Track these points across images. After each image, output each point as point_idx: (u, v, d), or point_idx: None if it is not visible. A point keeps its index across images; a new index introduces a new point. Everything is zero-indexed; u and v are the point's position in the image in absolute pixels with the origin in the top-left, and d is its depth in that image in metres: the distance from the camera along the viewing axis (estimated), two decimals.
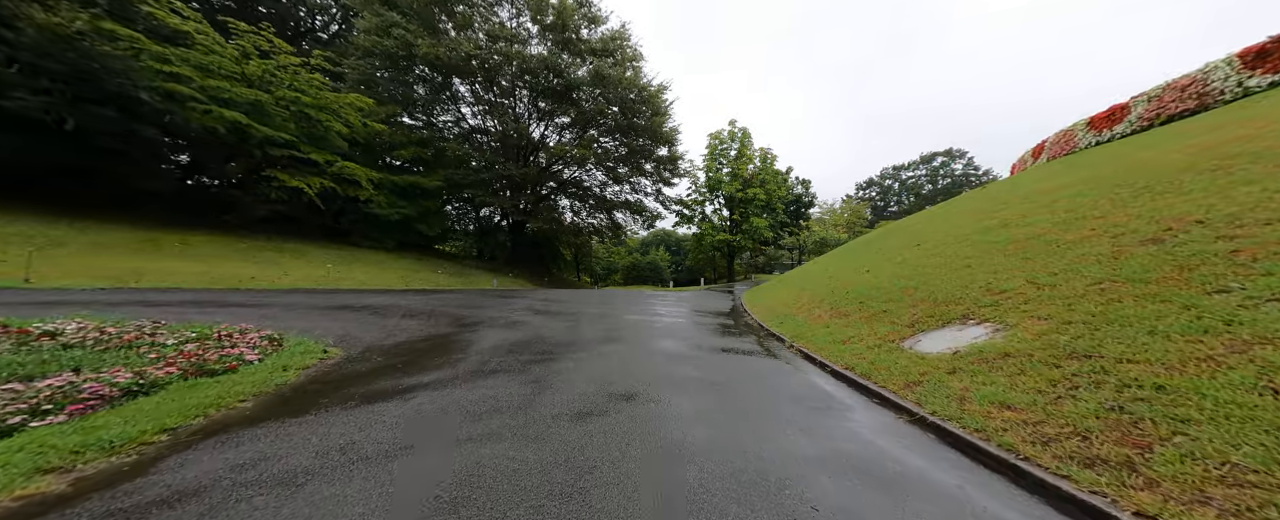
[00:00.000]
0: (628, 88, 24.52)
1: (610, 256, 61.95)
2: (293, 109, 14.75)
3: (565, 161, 30.80)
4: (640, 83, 25.50)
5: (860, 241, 17.18)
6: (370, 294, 10.67)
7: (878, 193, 79.86)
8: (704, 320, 9.96)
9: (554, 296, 14.56)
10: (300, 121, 14.99)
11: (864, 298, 7.33)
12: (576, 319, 8.66)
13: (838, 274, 10.79)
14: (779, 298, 12.03)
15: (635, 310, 11.30)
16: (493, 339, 6.02)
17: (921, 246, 8.76)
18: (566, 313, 9.57)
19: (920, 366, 4.13)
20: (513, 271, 26.20)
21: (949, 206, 13.94)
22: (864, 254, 11.89)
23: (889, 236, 12.91)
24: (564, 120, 28.88)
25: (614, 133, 29.51)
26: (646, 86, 26.27)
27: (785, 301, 10.85)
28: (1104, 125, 13.38)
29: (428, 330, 6.31)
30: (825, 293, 9.35)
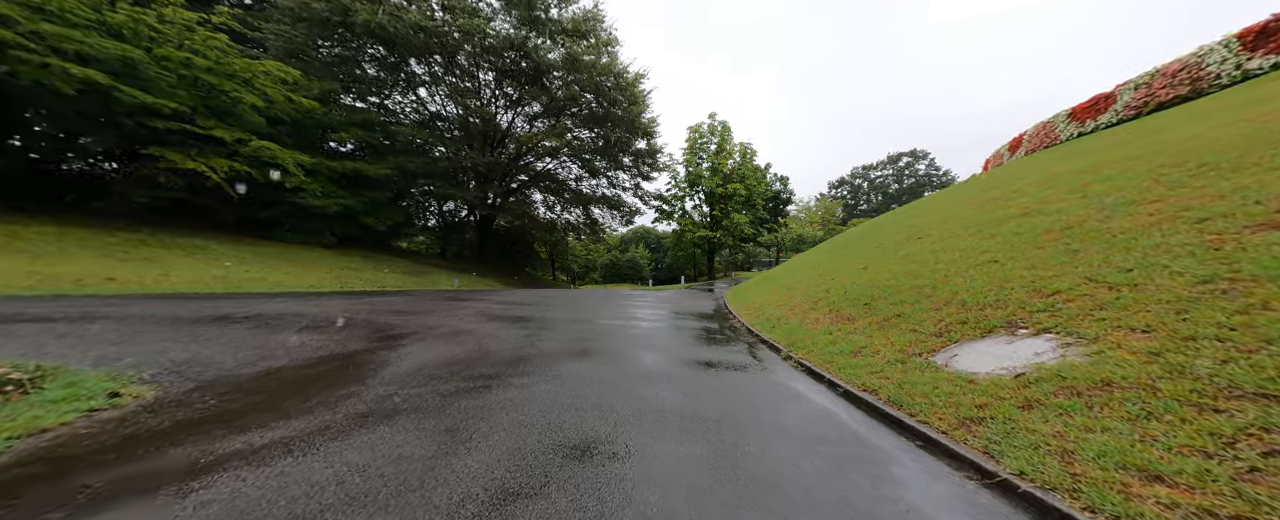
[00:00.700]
0: (603, 74, 23.09)
1: (589, 254, 60.43)
2: (184, 73, 11.95)
3: (537, 152, 29.10)
4: (616, 68, 24.12)
5: (847, 236, 16.51)
6: (278, 298, 8.82)
7: (849, 191, 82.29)
8: (685, 324, 8.84)
9: (519, 298, 13.12)
10: (196, 90, 12.19)
11: (869, 299, 6.36)
12: (538, 326, 7.34)
13: (830, 271, 9.89)
14: (766, 297, 11.06)
15: (609, 313, 10.06)
16: (417, 358, 4.65)
17: (925, 239, 7.92)
18: (528, 318, 8.22)
19: (973, 395, 3.09)
20: (479, 270, 24.39)
21: (940, 198, 13.35)
22: (856, 249, 11.07)
23: (879, 231, 12.18)
24: (535, 109, 27.16)
25: (589, 123, 28.04)
26: (623, 73, 24.91)
27: (774, 302, 9.87)
28: (1087, 116, 13.13)
29: (328, 348, 4.86)
30: (819, 292, 8.40)
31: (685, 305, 13.12)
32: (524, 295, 14.73)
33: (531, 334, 6.53)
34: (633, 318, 9.50)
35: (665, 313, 10.76)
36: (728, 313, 10.98)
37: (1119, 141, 8.76)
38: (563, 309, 10.28)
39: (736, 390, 4.17)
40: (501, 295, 14.24)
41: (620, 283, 57.88)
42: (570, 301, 12.66)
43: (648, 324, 8.57)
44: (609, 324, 8.19)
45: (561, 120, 24.09)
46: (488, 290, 17.36)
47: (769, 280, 14.63)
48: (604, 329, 7.51)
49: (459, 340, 5.70)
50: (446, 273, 20.37)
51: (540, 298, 13.87)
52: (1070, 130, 13.58)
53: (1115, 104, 11.76)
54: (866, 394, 3.84)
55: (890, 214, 16.34)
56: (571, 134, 27.64)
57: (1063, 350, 3.16)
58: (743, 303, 11.62)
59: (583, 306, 11.27)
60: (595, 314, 9.66)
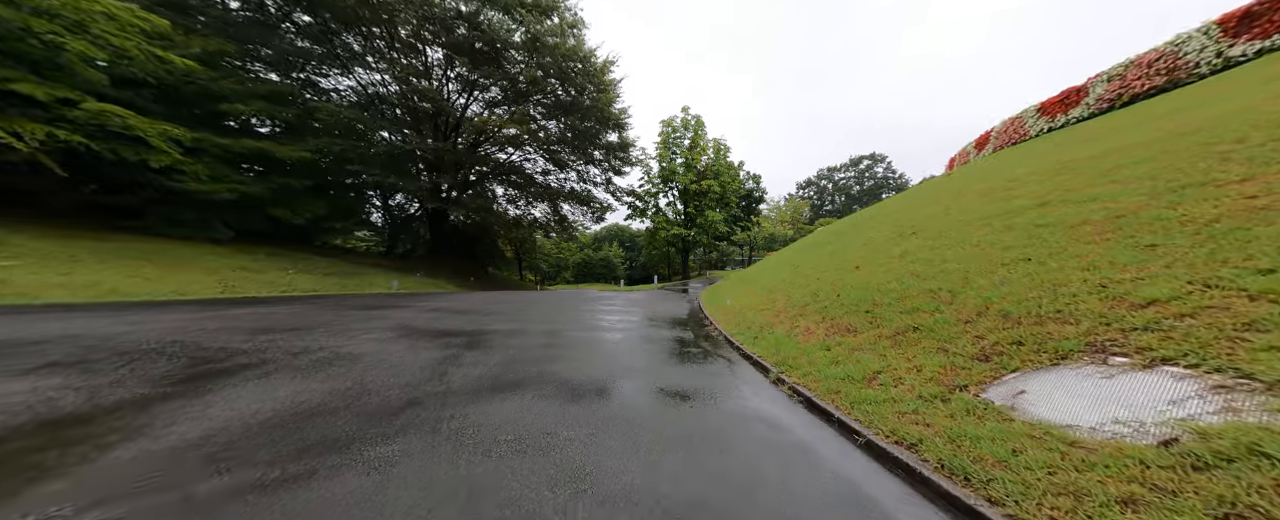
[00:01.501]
0: (568, 57, 21.39)
1: (560, 253, 58.36)
2: None
3: (497, 141, 27.00)
4: (582, 52, 22.48)
5: (824, 233, 15.76)
6: (86, 312, 6.38)
7: (815, 192, 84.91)
8: (657, 333, 7.52)
9: (464, 303, 11.38)
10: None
11: (870, 304, 5.27)
12: (465, 344, 5.79)
13: (813, 271, 8.87)
14: (744, 299, 9.94)
15: (570, 320, 8.61)
16: (225, 413, 3.03)
17: (922, 236, 6.99)
18: (458, 332, 6.64)
19: (1092, 474, 1.93)
20: (428, 270, 22.12)
21: (922, 193, 12.69)
22: (838, 246, 10.14)
23: (862, 227, 11.36)
24: (494, 95, 25.07)
25: (556, 112, 26.25)
26: (590, 57, 23.32)
27: (754, 305, 8.75)
28: (1057, 110, 12.92)
29: (64, 400, 3.13)
30: (805, 295, 7.31)
31: (657, 309, 11.83)
32: (473, 300, 12.96)
33: (450, 357, 4.99)
34: (597, 325, 8.09)
35: (636, 320, 9.41)
36: (703, 318, 9.78)
37: (1115, 128, 8.21)
38: (512, 317, 8.71)
39: (717, 443, 2.86)
40: (443, 300, 12.41)
41: (593, 282, 56.09)
42: (526, 307, 11.07)
43: (613, 335, 7.20)
44: (562, 336, 6.74)
45: (522, 106, 22.18)
46: (430, 294, 15.38)
47: (745, 281, 13.60)
48: (553, 344, 6.05)
49: (330, 372, 4.09)
50: (388, 273, 18.09)
51: (492, 302, 12.16)
52: (1040, 125, 13.40)
53: (1087, 97, 11.53)
54: (904, 451, 2.63)
55: (867, 211, 15.74)
56: (536, 123, 25.74)
57: (1221, 397, 2.04)
58: (719, 306, 10.46)
59: (538, 313, 9.74)
60: (549, 322, 8.17)
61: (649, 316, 9.92)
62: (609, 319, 9.22)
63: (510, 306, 10.88)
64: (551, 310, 10.43)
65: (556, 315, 9.46)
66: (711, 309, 10.45)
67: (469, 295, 15.09)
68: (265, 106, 13.94)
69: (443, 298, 13.13)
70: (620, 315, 10.02)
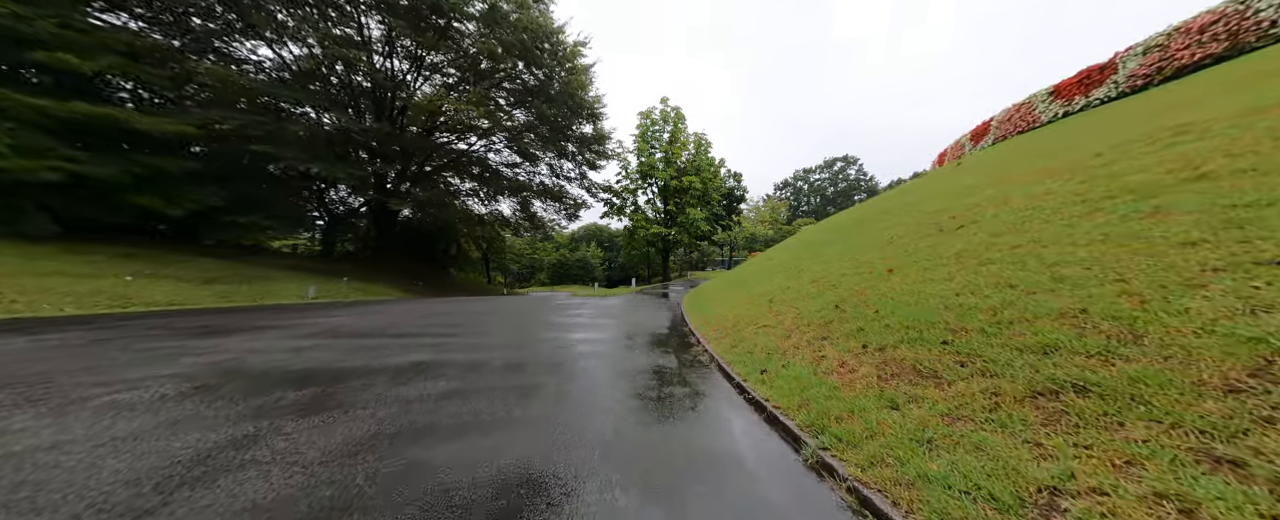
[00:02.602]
0: (531, 33, 19.02)
1: (534, 253, 55.51)
2: None
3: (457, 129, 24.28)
4: (548, 27, 20.15)
5: (821, 230, 14.08)
6: None
7: (791, 193, 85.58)
8: (633, 360, 5.45)
9: (384, 319, 9.01)
10: None
11: (943, 328, 3.38)
12: (297, 409, 3.55)
13: (825, 275, 7.02)
14: (737, 309, 8.01)
15: (513, 344, 6.44)
16: None
17: (977, 228, 5.20)
18: (315, 377, 4.40)
19: None
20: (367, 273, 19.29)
21: (936, 183, 10.97)
22: (849, 245, 8.34)
23: (866, 225, 9.63)
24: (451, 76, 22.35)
25: (523, 98, 23.77)
26: (556, 35, 21.02)
27: (750, 318, 6.82)
28: (1074, 93, 11.67)
29: None
30: (823, 308, 5.42)
31: (636, 319, 9.75)
32: (402, 312, 10.51)
33: (237, 442, 2.74)
34: (558, 347, 5.92)
35: (609, 336, 7.30)
36: (689, 333, 7.76)
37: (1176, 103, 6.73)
38: (432, 341, 6.45)
39: None
40: (358, 314, 9.91)
41: (569, 284, 53.48)
42: (467, 323, 8.78)
43: (576, 366, 5.05)
44: (483, 380, 4.56)
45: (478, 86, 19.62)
46: (353, 304, 12.78)
47: (735, 285, 11.72)
48: (465, 395, 3.88)
49: None
50: (310, 278, 15.23)
51: (427, 316, 9.76)
52: (1053, 110, 12.18)
53: (1115, 75, 10.29)
54: None
55: (866, 206, 14.17)
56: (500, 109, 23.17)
57: None
58: (707, 316, 8.49)
59: (475, 333, 7.49)
60: (479, 351, 5.97)
61: (631, 332, 7.82)
62: (583, 334, 7.06)
63: (445, 322, 8.54)
64: (498, 327, 8.17)
65: (500, 335, 7.21)
66: (697, 319, 8.46)
67: (404, 305, 12.56)
68: (122, 64, 10.86)
69: (362, 310, 10.61)
70: (595, 330, 7.88)
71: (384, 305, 12.33)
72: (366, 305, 12.30)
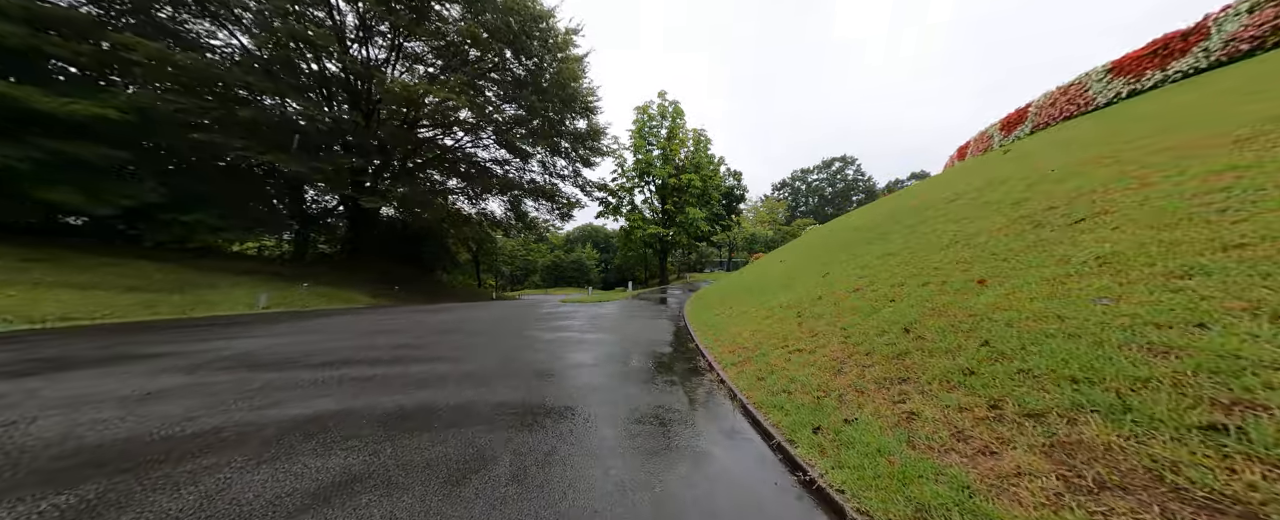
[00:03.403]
0: (522, 18, 17.50)
1: (528, 255, 53.90)
2: None
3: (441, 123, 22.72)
4: (536, 9, 18.64)
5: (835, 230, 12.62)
6: None
7: (789, 194, 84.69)
8: (629, 402, 3.91)
9: (325, 337, 7.48)
10: None
11: (1203, 391, 1.88)
12: None
13: (870, 283, 5.54)
14: (754, 324, 6.52)
15: (484, 370, 4.96)
16: None
17: (1103, 220, 3.74)
18: (143, 451, 2.87)
19: None
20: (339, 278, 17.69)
21: (969, 176, 9.44)
22: (894, 246, 6.86)
23: (906, 224, 8.17)
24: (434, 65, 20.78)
25: (513, 90, 22.23)
26: (548, 19, 19.51)
27: (775, 336, 5.34)
28: (1144, 67, 10.03)
29: None
30: (882, 328, 3.96)
31: (629, 334, 8.22)
32: (346, 327, 8.95)
33: None
34: (506, 395, 4.38)
35: (582, 365, 5.75)
36: (696, 352, 6.25)
37: None
38: (354, 374, 4.93)
39: None
40: (287, 330, 8.34)
41: (563, 287, 51.85)
42: (417, 342, 7.26)
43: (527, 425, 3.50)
44: (413, 443, 3.03)
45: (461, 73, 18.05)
46: (302, 315, 11.19)
47: (745, 292, 10.23)
48: (359, 489, 2.34)
49: None
50: (263, 283, 13.62)
51: (376, 330, 8.21)
52: (1114, 89, 10.65)
53: (1206, 41, 8.71)
54: None
55: (892, 201, 12.68)
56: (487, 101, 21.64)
57: None
58: (719, 333, 6.98)
59: (423, 356, 5.97)
60: (419, 386, 4.47)
61: (615, 358, 6.28)
62: (547, 366, 5.51)
63: (393, 344, 6.98)
64: (460, 349, 6.62)
65: (456, 363, 5.66)
66: (706, 336, 6.95)
67: (362, 317, 10.96)
68: (17, 34, 9.10)
69: (305, 324, 9.02)
70: (570, 355, 6.34)
71: (338, 317, 10.73)
72: (318, 317, 10.70)
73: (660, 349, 6.85)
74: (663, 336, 8.14)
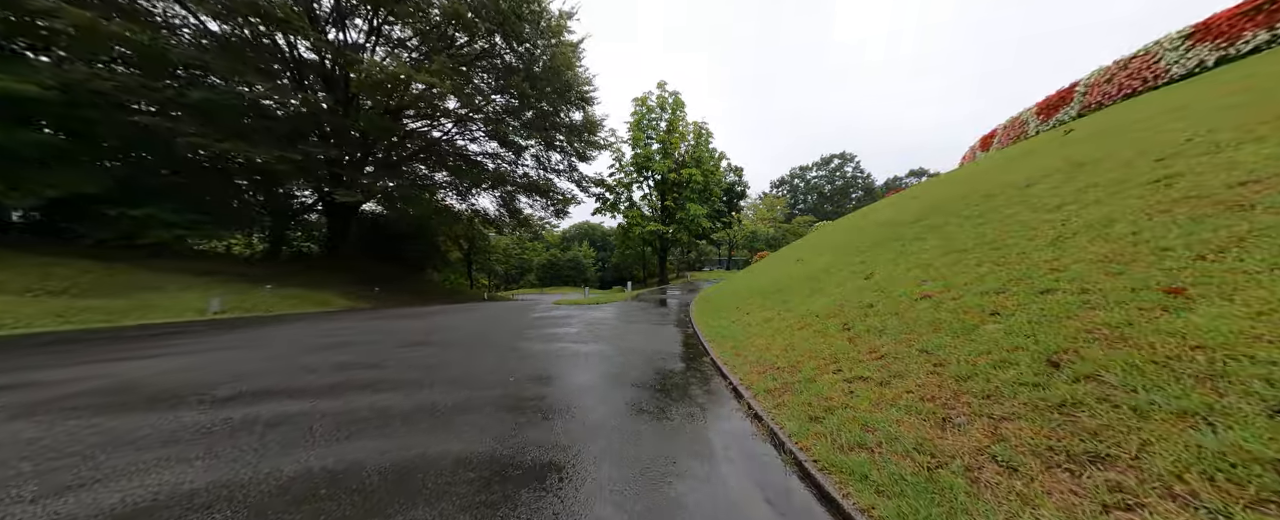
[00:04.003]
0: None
1: (523, 253, 52.56)
2: None
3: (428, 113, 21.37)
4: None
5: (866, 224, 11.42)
6: None
7: (787, 191, 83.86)
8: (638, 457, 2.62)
9: (260, 354, 6.24)
10: None
11: None
12: None
13: (947, 287, 4.32)
14: (785, 337, 5.29)
15: (445, 404, 3.69)
16: None
17: None
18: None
19: None
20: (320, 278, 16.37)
21: (1033, 159, 8.12)
22: (957, 240, 5.65)
23: (970, 215, 6.97)
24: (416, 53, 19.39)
25: (503, 76, 20.88)
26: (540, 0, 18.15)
27: (819, 355, 4.15)
28: (1242, 27, 8.53)
29: None
30: (1001, 357, 2.74)
31: (631, 344, 6.97)
32: (293, 341, 7.68)
33: None
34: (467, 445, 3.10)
35: (579, 384, 4.48)
36: (716, 372, 5.00)
37: None
38: (269, 411, 3.72)
39: None
40: (219, 343, 7.07)
41: (559, 286, 50.53)
42: (374, 359, 6.02)
43: (489, 505, 2.22)
44: None
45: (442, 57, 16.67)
46: (260, 321, 9.92)
47: (762, 294, 9.01)
48: None
49: None
50: (223, 284, 12.28)
51: (329, 344, 6.95)
52: (1195, 57, 9.25)
53: None
54: None
55: (930, 188, 11.38)
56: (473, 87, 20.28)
57: None
58: (739, 345, 5.74)
59: (372, 382, 4.73)
60: (349, 433, 3.21)
61: (617, 374, 5.03)
62: (524, 395, 4.25)
63: (338, 363, 5.71)
64: (432, 366, 5.36)
65: (419, 391, 4.39)
66: (722, 348, 5.70)
67: (322, 324, 9.65)
68: None
69: (247, 335, 7.71)
70: (565, 369, 5.08)
71: (296, 324, 9.42)
72: (274, 324, 9.39)
73: (670, 365, 5.60)
74: (670, 348, 6.90)
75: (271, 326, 8.91)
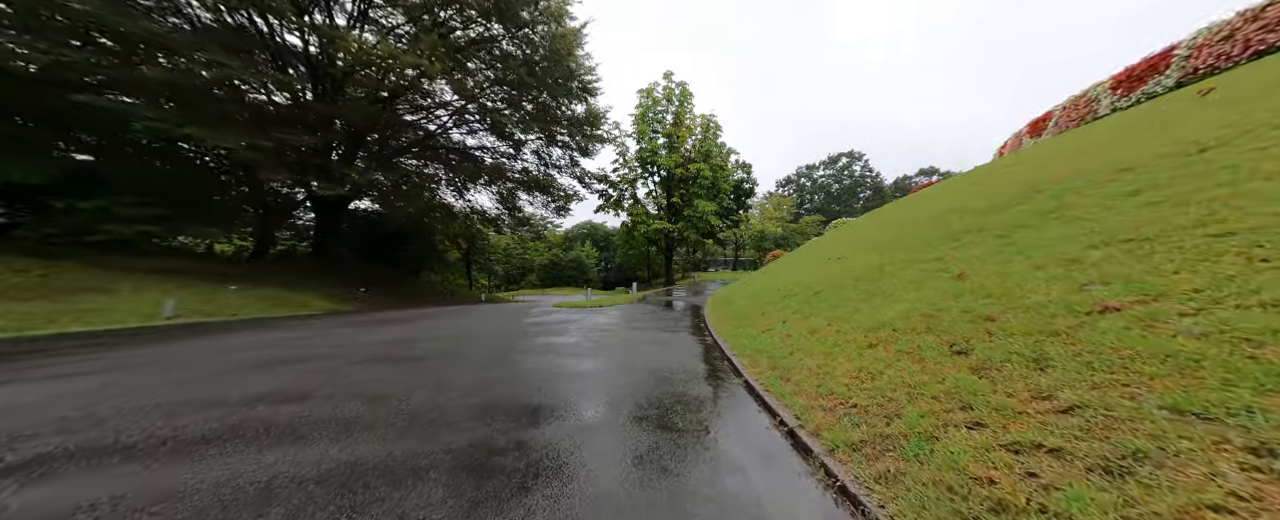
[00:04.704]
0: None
1: (525, 253, 51.40)
2: None
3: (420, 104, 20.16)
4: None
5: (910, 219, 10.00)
6: None
7: (794, 190, 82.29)
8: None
9: (159, 379, 4.95)
10: None
11: None
12: None
13: (1128, 284, 2.94)
14: (854, 357, 3.92)
15: (360, 481, 2.25)
16: None
17: None
18: None
19: None
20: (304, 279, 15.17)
21: (1154, 135, 6.68)
22: (1065, 236, 4.25)
23: (1078, 204, 5.56)
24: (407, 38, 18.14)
25: (501, 67, 19.61)
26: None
27: (925, 388, 2.76)
28: None
29: None
30: None
31: (642, 360, 5.60)
32: (211, 355, 6.40)
33: None
34: None
35: (572, 430, 3.10)
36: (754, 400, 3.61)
37: None
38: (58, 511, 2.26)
39: None
40: (113, 359, 5.79)
41: (561, 286, 49.27)
42: (305, 387, 4.74)
43: None
44: None
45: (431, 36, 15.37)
46: (207, 329, 8.68)
47: (790, 297, 7.63)
48: None
49: None
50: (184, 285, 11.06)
51: (260, 359, 5.67)
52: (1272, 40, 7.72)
53: None
54: None
55: (984, 177, 9.95)
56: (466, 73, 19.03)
57: None
58: (784, 368, 4.36)
59: (234, 439, 3.35)
60: None
61: (627, 407, 3.65)
62: (510, 434, 2.88)
63: (275, 385, 4.42)
64: (380, 397, 4.03)
65: (348, 441, 3.03)
66: (760, 369, 4.32)
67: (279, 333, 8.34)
68: None
69: (190, 345, 6.42)
70: (559, 399, 3.70)
71: (241, 334, 8.12)
72: (219, 333, 8.12)
73: (691, 390, 4.23)
74: (690, 364, 5.53)
75: (217, 335, 7.63)
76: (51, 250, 10.26)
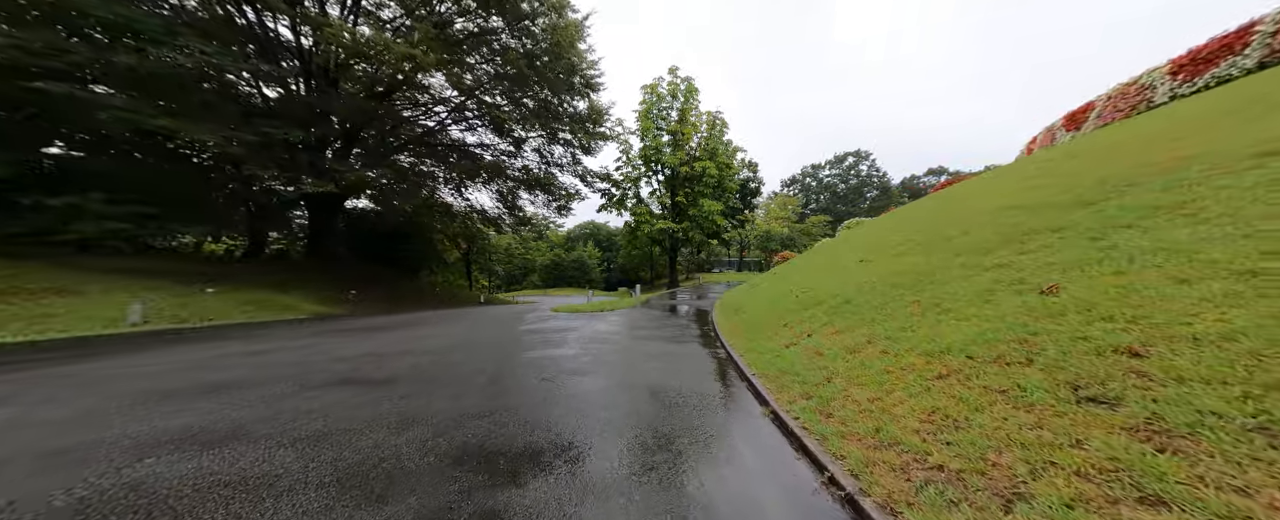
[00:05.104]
0: None
1: (527, 254, 50.76)
2: None
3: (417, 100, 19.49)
4: None
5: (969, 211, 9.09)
6: None
7: (799, 190, 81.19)
8: None
9: (34, 419, 4.08)
10: None
11: None
12: None
13: None
14: (920, 395, 3.05)
15: None
16: None
17: None
18: None
19: None
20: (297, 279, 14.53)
21: (1230, 118, 5.73)
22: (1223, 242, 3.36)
23: (1132, 196, 4.64)
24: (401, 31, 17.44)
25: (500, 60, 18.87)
26: None
27: (1045, 453, 1.89)
28: None
29: None
30: None
31: (647, 380, 4.76)
32: (130, 379, 5.65)
33: None
34: None
35: (557, 498, 2.26)
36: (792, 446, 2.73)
37: None
38: None
39: None
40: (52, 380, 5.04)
41: (563, 287, 48.52)
42: (184, 432, 3.91)
43: None
44: None
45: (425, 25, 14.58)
46: (174, 338, 7.98)
47: (816, 305, 6.75)
48: None
49: None
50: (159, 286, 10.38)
51: (184, 384, 4.90)
52: None
53: None
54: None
55: (1059, 163, 8.99)
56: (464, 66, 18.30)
57: None
58: (823, 401, 3.49)
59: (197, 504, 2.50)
60: None
61: (629, 453, 2.80)
62: (450, 494, 2.06)
63: (185, 423, 3.61)
64: (315, 438, 3.21)
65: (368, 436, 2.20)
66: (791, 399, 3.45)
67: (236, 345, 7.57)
68: None
69: (109, 362, 5.66)
70: (546, 426, 2.86)
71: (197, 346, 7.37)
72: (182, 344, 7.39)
73: (707, 421, 3.38)
74: (704, 386, 4.68)
75: (169, 348, 6.89)
76: (17, 250, 9.59)
